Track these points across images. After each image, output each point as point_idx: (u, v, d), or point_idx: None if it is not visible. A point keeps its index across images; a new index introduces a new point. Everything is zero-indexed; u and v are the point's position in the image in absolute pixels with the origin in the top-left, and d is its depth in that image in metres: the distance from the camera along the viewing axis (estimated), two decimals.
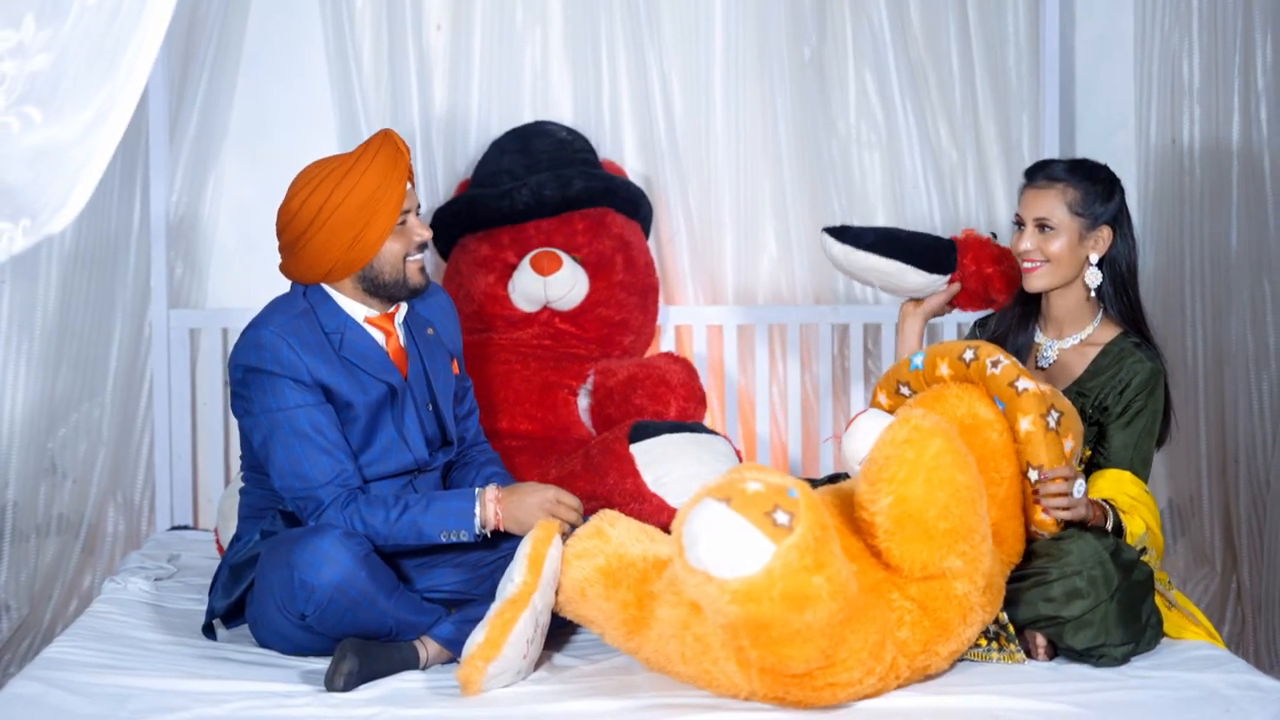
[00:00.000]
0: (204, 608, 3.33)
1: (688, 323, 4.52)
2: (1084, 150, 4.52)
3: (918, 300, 3.66)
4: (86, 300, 4.30)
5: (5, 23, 2.12)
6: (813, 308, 4.50)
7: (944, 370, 3.14)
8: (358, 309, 3.26)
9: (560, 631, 3.21)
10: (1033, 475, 3.04)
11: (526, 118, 4.48)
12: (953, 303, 3.68)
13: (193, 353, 4.43)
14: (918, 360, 3.19)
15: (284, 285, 3.36)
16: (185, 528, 4.35)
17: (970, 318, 4.30)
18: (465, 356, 3.55)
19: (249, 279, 4.45)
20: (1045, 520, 3.06)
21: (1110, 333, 3.38)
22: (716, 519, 2.54)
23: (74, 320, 4.28)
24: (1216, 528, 4.46)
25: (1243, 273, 4.37)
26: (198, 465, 4.45)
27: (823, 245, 3.68)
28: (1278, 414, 4.31)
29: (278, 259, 3.30)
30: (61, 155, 2.19)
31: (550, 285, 4.16)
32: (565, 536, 3.07)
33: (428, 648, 3.09)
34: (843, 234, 3.67)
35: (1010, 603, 3.05)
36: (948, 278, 3.62)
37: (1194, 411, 4.42)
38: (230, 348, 4.32)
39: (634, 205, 4.35)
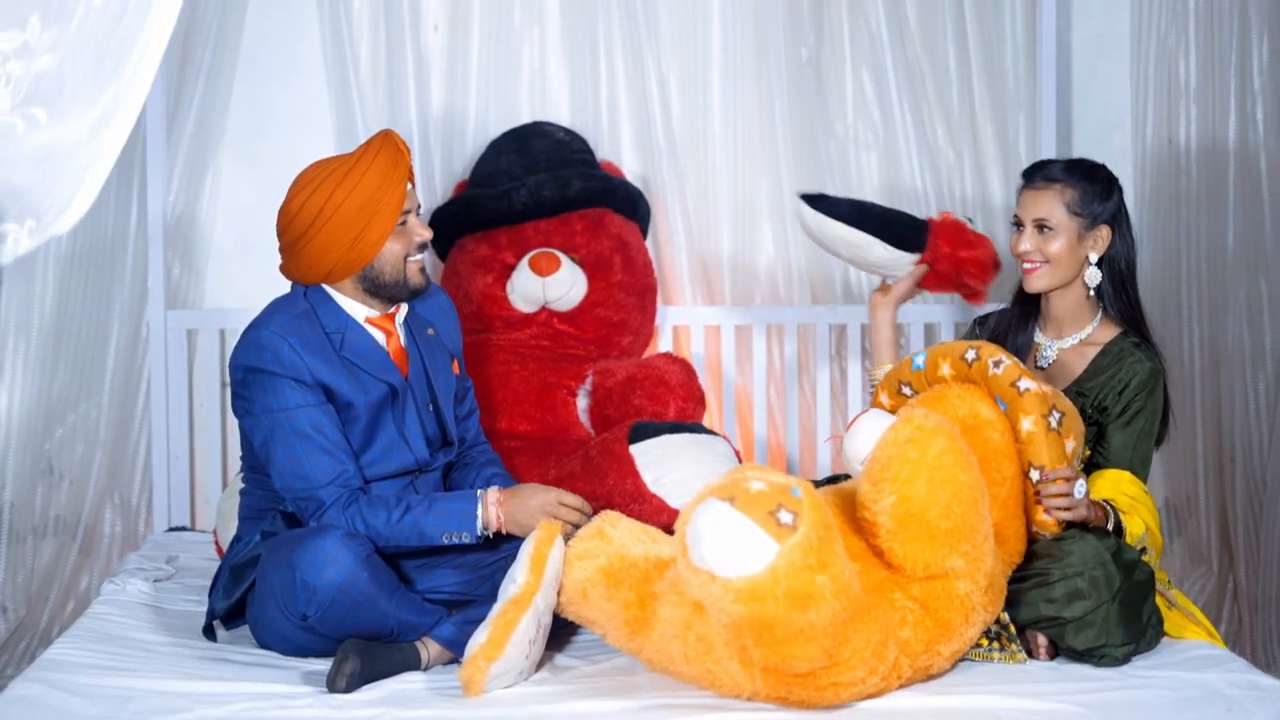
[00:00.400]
0: (204, 609, 3.32)
1: (685, 323, 4.51)
2: (1081, 151, 4.53)
3: (885, 289, 3.65)
4: (84, 301, 4.29)
5: (10, 24, 2.12)
6: (810, 308, 4.50)
7: (946, 370, 3.14)
8: (358, 309, 3.25)
9: (561, 632, 3.21)
10: (1034, 475, 3.04)
11: (524, 118, 4.47)
12: (921, 284, 3.67)
13: (190, 354, 4.42)
14: (919, 360, 3.19)
15: (281, 285, 3.35)
16: (183, 529, 4.35)
17: (958, 312, 4.31)
18: (463, 357, 3.55)
19: (246, 280, 4.44)
20: (1047, 520, 3.06)
21: (1110, 332, 3.39)
22: (720, 518, 2.54)
23: (71, 321, 4.27)
24: (1213, 527, 4.47)
25: (1239, 272, 4.38)
26: (195, 466, 4.45)
27: (797, 211, 3.67)
28: (1274, 413, 4.31)
29: (275, 259, 3.30)
30: (67, 156, 2.19)
31: (549, 286, 4.16)
32: (567, 537, 3.07)
33: (429, 649, 3.08)
34: (818, 201, 3.66)
35: (1012, 603, 3.05)
36: (915, 257, 3.60)
37: (1191, 411, 4.43)
38: (227, 348, 4.36)
39: (632, 205, 4.35)
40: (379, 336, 3.27)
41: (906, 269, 3.65)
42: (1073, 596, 2.99)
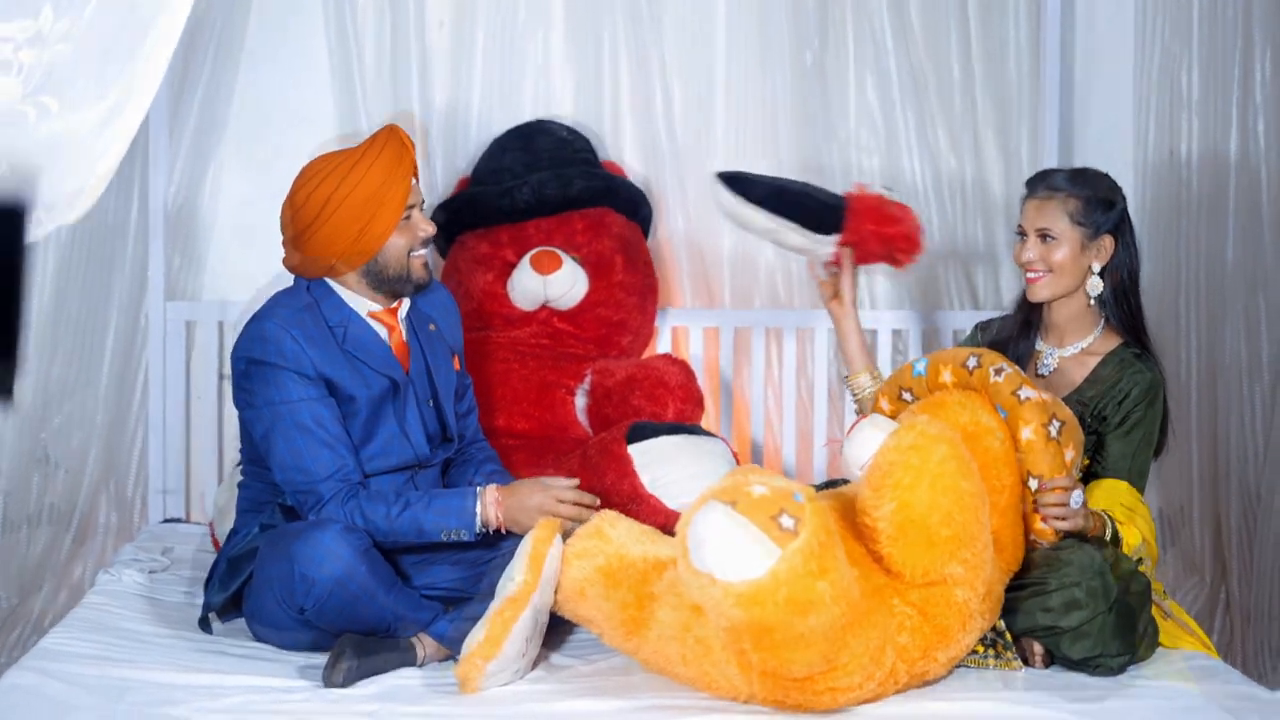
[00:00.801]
0: (199, 601, 3.32)
1: (684, 324, 4.51)
2: (1082, 161, 4.53)
3: (836, 295, 3.61)
4: (83, 290, 4.28)
5: (23, 12, 2.12)
6: (809, 311, 4.50)
7: (947, 377, 3.14)
8: (361, 303, 3.25)
9: (557, 630, 3.21)
10: (1032, 484, 3.05)
11: (528, 116, 4.47)
12: (855, 263, 3.62)
13: (188, 345, 4.42)
14: (920, 366, 3.20)
15: (281, 279, 3.35)
16: (178, 520, 4.34)
17: (957, 319, 4.31)
18: (464, 354, 3.55)
19: (246, 272, 4.43)
20: (1044, 529, 3.07)
21: (1111, 342, 3.39)
22: (722, 522, 2.54)
23: (69, 310, 4.27)
24: (1206, 538, 4.47)
25: (1238, 285, 4.38)
26: (191, 458, 4.44)
27: (713, 193, 3.63)
28: (1269, 425, 4.32)
29: (276, 253, 3.30)
30: (78, 145, 2.18)
31: (550, 284, 4.15)
32: (566, 534, 3.07)
33: (425, 645, 3.08)
34: (735, 181, 3.60)
35: (1008, 611, 3.05)
36: (834, 239, 3.56)
37: (1186, 422, 4.44)
38: (226, 341, 4.35)
39: (634, 206, 4.35)
40: (381, 331, 3.27)
41: (827, 252, 3.58)
42: (1070, 606, 2.99)
